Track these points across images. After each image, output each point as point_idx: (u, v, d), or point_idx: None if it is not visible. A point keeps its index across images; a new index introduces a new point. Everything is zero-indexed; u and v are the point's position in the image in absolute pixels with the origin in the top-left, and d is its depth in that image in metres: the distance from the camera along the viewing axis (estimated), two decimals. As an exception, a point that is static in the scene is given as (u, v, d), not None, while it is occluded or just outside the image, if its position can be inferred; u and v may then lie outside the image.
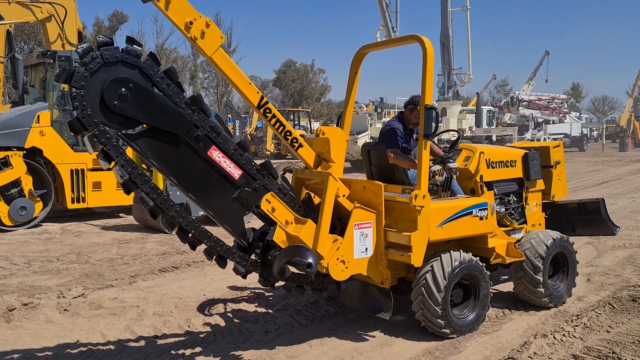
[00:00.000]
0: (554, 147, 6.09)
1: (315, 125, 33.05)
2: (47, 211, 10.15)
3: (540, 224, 5.93)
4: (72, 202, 10.35)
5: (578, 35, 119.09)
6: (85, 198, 10.44)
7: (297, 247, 3.92)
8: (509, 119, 38.74)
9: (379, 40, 24.09)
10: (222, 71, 3.85)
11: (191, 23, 3.61)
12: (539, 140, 29.08)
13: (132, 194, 3.83)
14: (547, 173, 6.00)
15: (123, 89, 3.37)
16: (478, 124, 27.34)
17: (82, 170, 10.38)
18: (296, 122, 31.48)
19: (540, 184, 5.90)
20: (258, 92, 4.01)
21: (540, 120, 36.50)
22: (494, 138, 27.63)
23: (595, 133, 44.08)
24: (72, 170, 10.29)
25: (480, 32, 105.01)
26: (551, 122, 36.26)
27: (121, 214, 11.37)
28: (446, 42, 26.90)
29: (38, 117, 9.98)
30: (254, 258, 4.19)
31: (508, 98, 37.79)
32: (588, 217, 6.25)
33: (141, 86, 3.45)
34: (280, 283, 4.37)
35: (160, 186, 8.40)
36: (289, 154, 27.95)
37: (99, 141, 3.39)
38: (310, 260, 3.81)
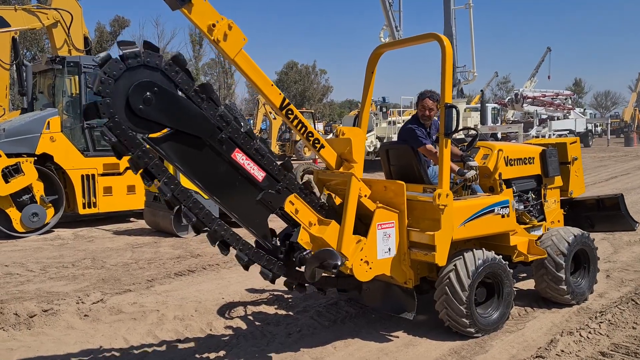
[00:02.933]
0: (571, 144, 6.06)
1: (319, 126, 33.02)
2: (58, 217, 10.13)
3: (559, 221, 5.89)
4: (84, 207, 10.35)
5: (579, 30, 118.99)
6: (97, 203, 10.44)
7: (327, 251, 3.94)
8: (512, 116, 38.61)
9: (382, 39, 24.03)
10: (245, 73, 3.83)
11: (214, 25, 3.58)
12: (544, 136, 28.97)
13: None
14: (564, 169, 5.96)
15: (148, 93, 3.36)
16: (483, 121, 27.25)
17: (93, 175, 10.37)
18: (300, 123, 31.34)
19: (558, 181, 5.86)
20: (280, 94, 4.00)
21: (544, 116, 36.38)
22: (499, 135, 27.55)
23: (599, 128, 43.94)
24: (82, 176, 10.28)
25: (481, 29, 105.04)
26: (555, 118, 36.15)
27: (132, 219, 11.37)
28: (450, 40, 26.80)
29: (48, 123, 9.96)
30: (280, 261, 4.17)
31: (512, 95, 37.63)
32: (607, 213, 6.21)
33: (165, 90, 3.43)
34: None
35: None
36: (293, 155, 27.96)
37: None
38: (338, 262, 3.81)
